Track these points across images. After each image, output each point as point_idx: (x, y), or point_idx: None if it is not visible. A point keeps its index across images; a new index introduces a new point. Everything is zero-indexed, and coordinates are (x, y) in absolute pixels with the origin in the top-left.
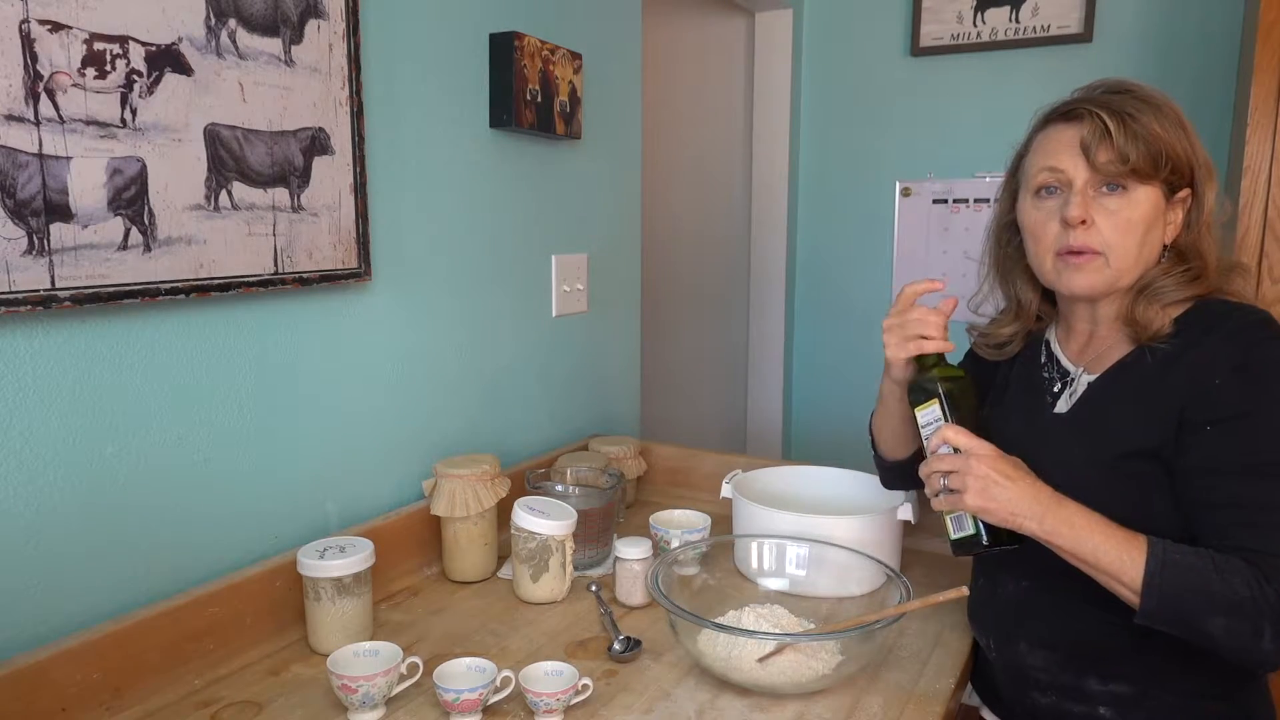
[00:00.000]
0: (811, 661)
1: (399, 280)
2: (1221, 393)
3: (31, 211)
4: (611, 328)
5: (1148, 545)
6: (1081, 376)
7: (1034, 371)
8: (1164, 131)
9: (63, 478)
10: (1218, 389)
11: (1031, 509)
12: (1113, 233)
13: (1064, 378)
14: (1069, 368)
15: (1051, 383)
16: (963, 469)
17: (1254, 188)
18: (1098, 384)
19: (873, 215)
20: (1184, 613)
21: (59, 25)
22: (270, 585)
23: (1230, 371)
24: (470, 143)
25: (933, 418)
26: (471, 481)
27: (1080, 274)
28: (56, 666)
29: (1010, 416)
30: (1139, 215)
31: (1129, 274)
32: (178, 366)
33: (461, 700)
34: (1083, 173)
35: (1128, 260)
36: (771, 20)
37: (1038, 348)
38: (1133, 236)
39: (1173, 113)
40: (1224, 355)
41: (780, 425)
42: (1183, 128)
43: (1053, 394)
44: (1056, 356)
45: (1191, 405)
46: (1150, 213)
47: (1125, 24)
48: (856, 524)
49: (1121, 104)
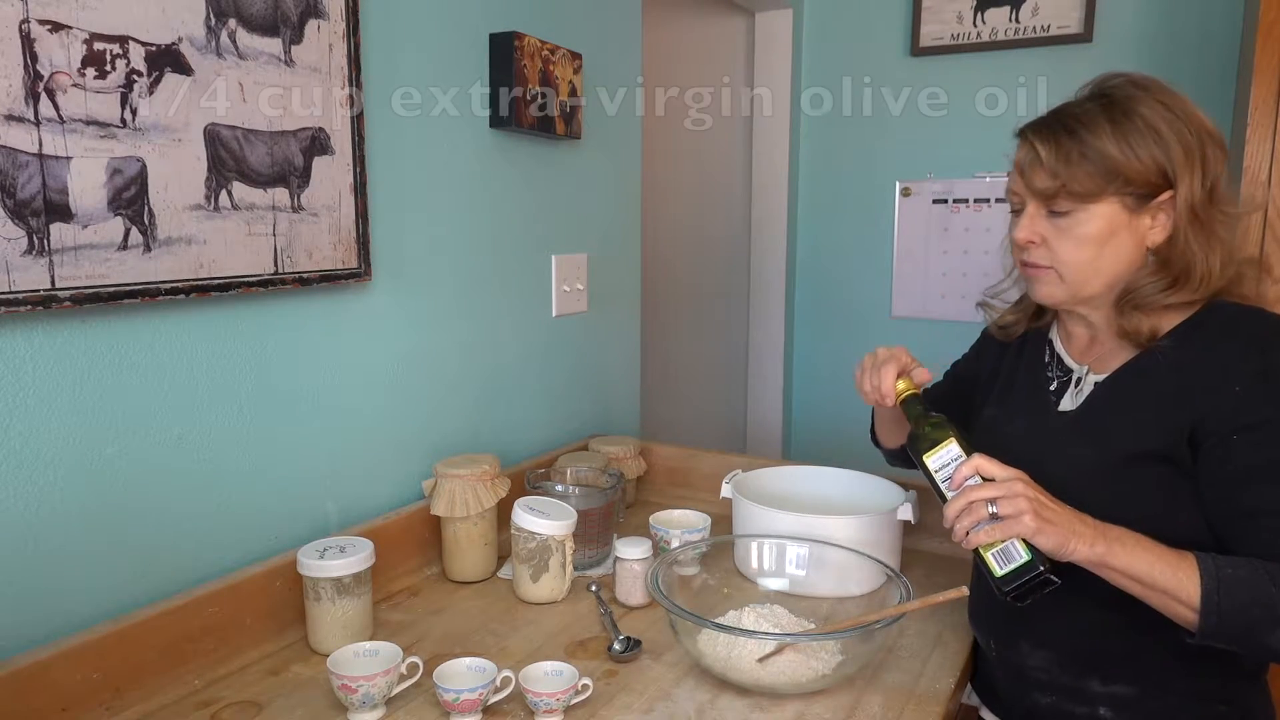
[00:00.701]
0: (811, 661)
1: (399, 280)
2: (1244, 400)
3: (31, 211)
4: (611, 328)
5: (1198, 562)
6: (1088, 375)
7: (1038, 372)
8: (1115, 144)
9: (63, 478)
10: (1239, 397)
11: (1083, 529)
12: (1062, 250)
13: (1068, 375)
14: (1073, 366)
15: (1058, 383)
16: (1010, 492)
17: (1254, 188)
18: (1106, 384)
19: (873, 215)
20: (1244, 629)
21: (59, 25)
22: (270, 585)
23: (1251, 378)
24: (470, 143)
25: (951, 456)
26: (471, 481)
27: (1039, 285)
28: (56, 666)
29: (1014, 416)
30: (1089, 232)
31: (1089, 285)
32: (178, 366)
33: (461, 700)
34: (1029, 195)
35: (1082, 274)
36: (771, 20)
37: (1041, 346)
38: (1084, 252)
39: (1146, 115)
40: (1241, 362)
41: (780, 425)
42: (1154, 130)
43: (1057, 392)
44: (1060, 355)
45: (1212, 415)
46: (1104, 228)
47: (1125, 24)
48: (856, 524)
49: (1063, 124)
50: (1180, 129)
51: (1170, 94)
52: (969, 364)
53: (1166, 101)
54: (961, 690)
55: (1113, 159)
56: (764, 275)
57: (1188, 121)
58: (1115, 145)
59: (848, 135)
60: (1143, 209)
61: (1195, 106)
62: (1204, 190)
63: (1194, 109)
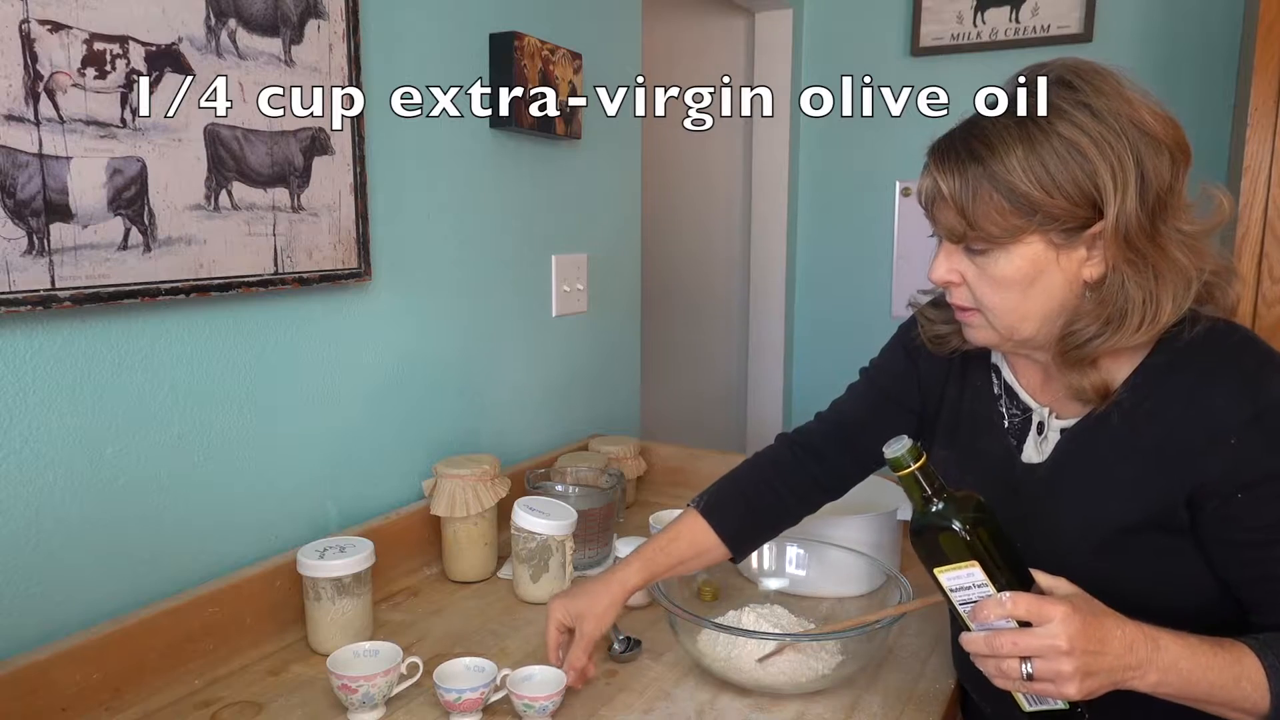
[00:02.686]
0: (811, 661)
1: (399, 280)
2: (1243, 454)
3: (31, 211)
4: (611, 328)
5: (1254, 653)
6: (1051, 420)
7: (988, 407)
8: (1029, 174)
9: (63, 478)
10: (1236, 451)
11: (1133, 667)
12: (983, 293)
13: (1025, 414)
14: (1031, 405)
15: (1012, 422)
16: (1050, 654)
17: (1254, 188)
18: (1074, 435)
19: (873, 215)
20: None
21: (59, 25)
22: (270, 585)
23: (1244, 428)
24: (470, 143)
25: (971, 581)
26: (471, 481)
27: (969, 330)
28: (56, 666)
29: (969, 463)
30: (1009, 273)
31: (1021, 329)
32: (178, 366)
33: (464, 700)
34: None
35: (1011, 317)
36: (771, 20)
37: (986, 376)
38: (1010, 295)
39: (1065, 132)
40: (1233, 411)
41: (780, 425)
42: (1076, 150)
43: (1015, 435)
44: (1014, 390)
45: (1210, 477)
46: (1026, 269)
47: (1125, 24)
48: (856, 524)
49: (969, 149)
50: (1109, 140)
51: (1103, 93)
52: (895, 381)
53: (1095, 106)
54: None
55: (1026, 195)
56: (764, 275)
57: (1119, 131)
58: (1029, 175)
59: (848, 135)
60: (1073, 242)
61: (1138, 103)
62: (1144, 211)
63: (1135, 107)
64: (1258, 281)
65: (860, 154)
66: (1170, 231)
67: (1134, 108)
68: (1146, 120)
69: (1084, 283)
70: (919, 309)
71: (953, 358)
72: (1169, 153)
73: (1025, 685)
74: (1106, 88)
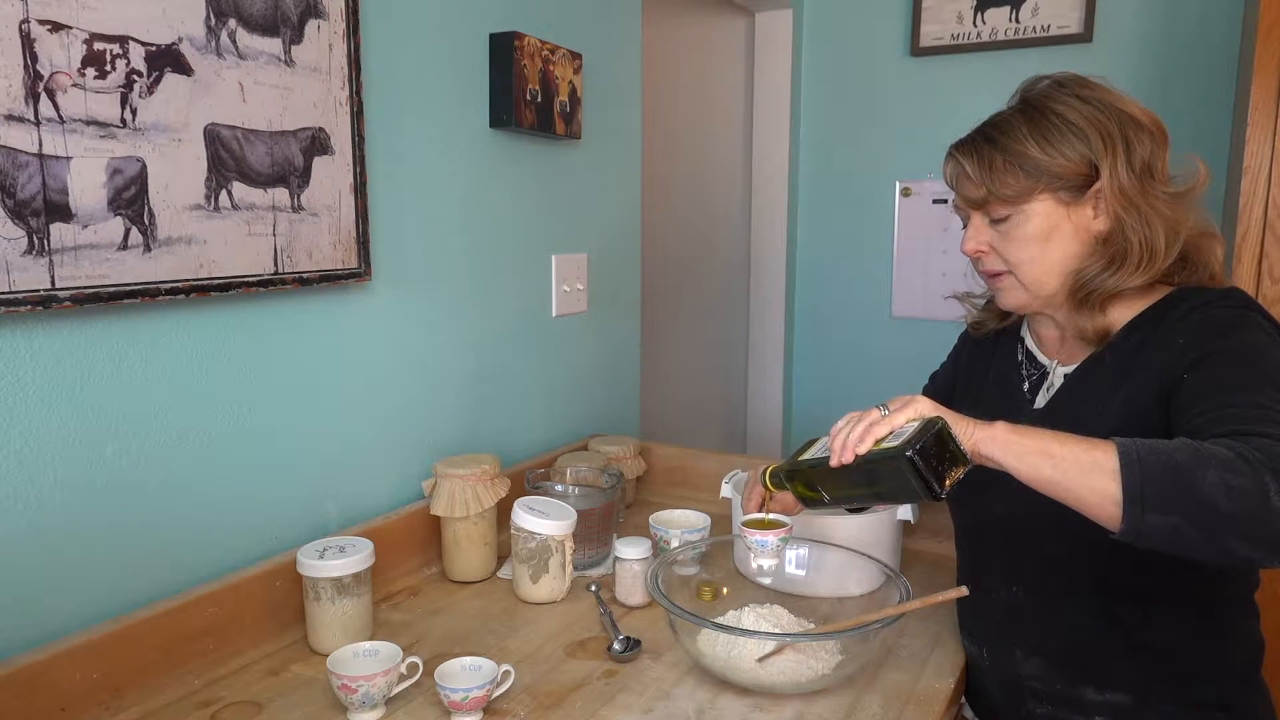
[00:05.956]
0: (811, 661)
1: (399, 280)
2: (1189, 344)
3: (31, 211)
4: (611, 328)
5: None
6: (1057, 370)
7: (1011, 371)
8: (1034, 145)
9: (63, 478)
10: (1184, 345)
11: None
12: (1010, 252)
13: (1040, 372)
14: (1045, 362)
15: (1030, 381)
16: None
17: (1254, 188)
18: (1073, 376)
19: (873, 215)
20: (1170, 473)
21: (59, 25)
22: (270, 585)
23: (1193, 326)
24: (470, 143)
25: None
26: (471, 481)
27: (1004, 294)
28: (56, 666)
29: (988, 416)
30: (1030, 231)
31: (1046, 283)
32: (178, 366)
33: (470, 699)
34: (966, 206)
35: (1036, 271)
36: (771, 20)
37: (1013, 345)
38: (1031, 249)
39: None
40: (1185, 321)
41: (780, 425)
42: (1071, 125)
43: (1031, 391)
44: (1033, 353)
45: (1167, 373)
46: (1043, 225)
47: (1125, 24)
48: (856, 524)
49: (984, 135)
50: (1097, 118)
51: (1090, 87)
52: (946, 372)
53: (1083, 95)
54: (961, 690)
55: (1033, 159)
56: (764, 275)
57: (1105, 111)
58: (1034, 145)
59: (848, 135)
60: (1079, 201)
61: (1121, 96)
62: (1132, 173)
63: (1116, 98)
64: (1258, 281)
65: (860, 154)
66: (1157, 190)
67: (1117, 98)
68: (1129, 107)
69: (1094, 236)
70: (961, 298)
71: (988, 339)
72: (1149, 131)
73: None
74: (1093, 84)
